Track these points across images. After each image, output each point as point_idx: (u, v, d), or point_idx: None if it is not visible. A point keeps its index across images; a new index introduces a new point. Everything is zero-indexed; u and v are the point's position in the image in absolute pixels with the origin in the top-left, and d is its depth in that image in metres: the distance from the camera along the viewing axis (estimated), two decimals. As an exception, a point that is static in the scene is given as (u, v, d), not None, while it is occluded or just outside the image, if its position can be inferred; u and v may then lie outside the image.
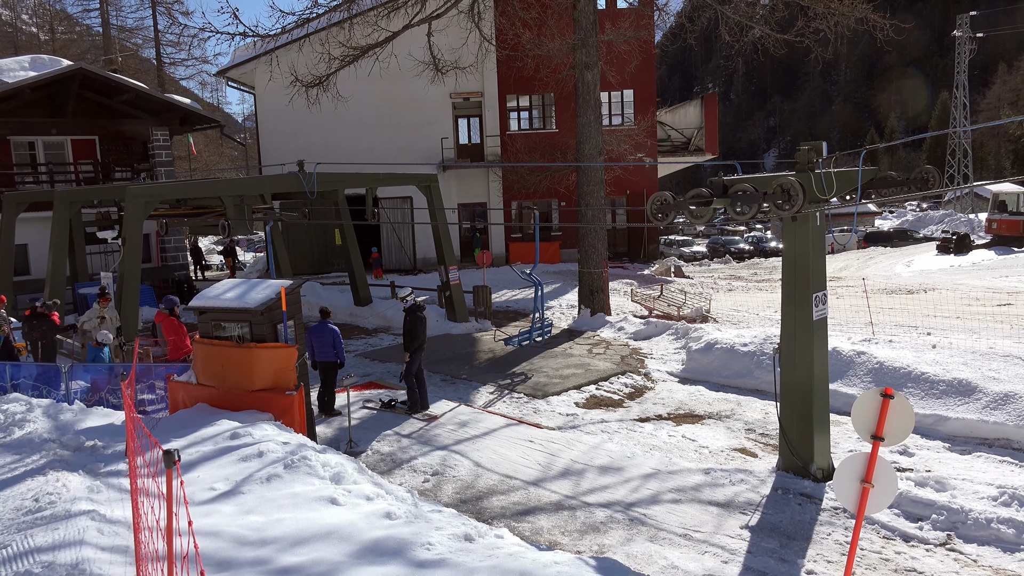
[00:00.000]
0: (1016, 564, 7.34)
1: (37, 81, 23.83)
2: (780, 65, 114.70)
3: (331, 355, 12.12)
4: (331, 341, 12.09)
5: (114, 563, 5.46)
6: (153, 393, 11.32)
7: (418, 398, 12.48)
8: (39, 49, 44.21)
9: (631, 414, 12.60)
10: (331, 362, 12.18)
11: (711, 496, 9.02)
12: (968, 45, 66.91)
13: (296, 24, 21.00)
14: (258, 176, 26.38)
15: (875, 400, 5.97)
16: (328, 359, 12.15)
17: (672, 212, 9.03)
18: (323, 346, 12.07)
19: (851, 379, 12.49)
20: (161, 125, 27.66)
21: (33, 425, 8.95)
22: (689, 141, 37.27)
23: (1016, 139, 79.88)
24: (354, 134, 30.80)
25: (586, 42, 19.41)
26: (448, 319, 20.09)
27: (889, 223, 54.89)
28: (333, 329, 12.18)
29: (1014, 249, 32.15)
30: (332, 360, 12.16)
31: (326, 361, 12.16)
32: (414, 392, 12.47)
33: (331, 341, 12.09)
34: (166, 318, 13.93)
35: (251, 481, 7.12)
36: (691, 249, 42.50)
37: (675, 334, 17.31)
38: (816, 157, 9.00)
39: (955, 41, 68.21)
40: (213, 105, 62.57)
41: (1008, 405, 10.62)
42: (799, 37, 20.09)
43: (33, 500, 6.65)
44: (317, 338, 12.06)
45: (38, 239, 23.62)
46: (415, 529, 6.25)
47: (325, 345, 12.08)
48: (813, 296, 9.18)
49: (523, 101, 33.34)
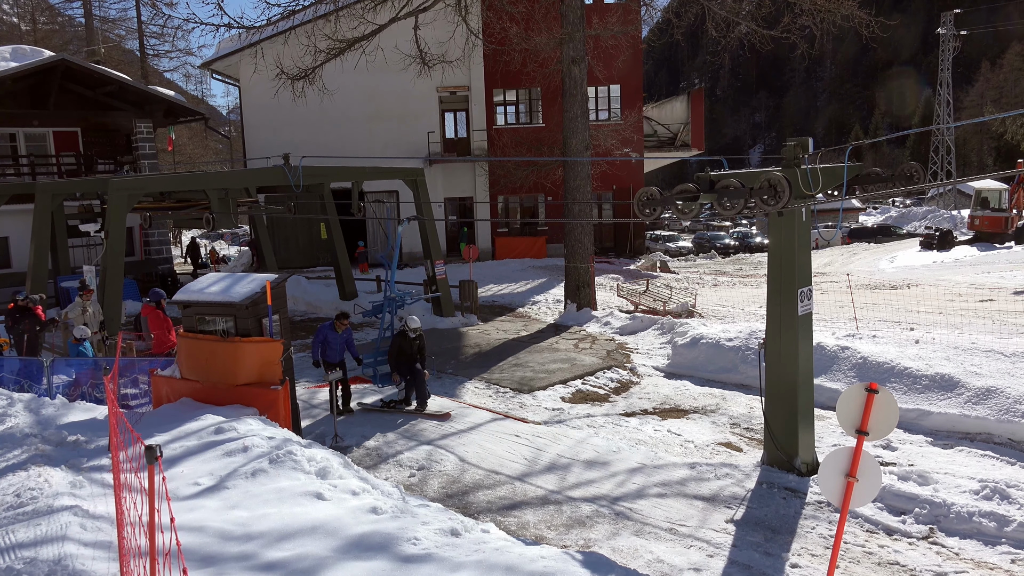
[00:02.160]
0: (997, 557, 7.42)
1: (18, 72, 23.57)
2: (766, 61, 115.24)
3: (343, 355, 12.06)
4: (345, 340, 12.06)
5: (97, 559, 5.41)
6: (137, 387, 11.23)
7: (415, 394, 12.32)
8: (20, 40, 43.63)
9: (617, 409, 12.62)
10: (341, 362, 12.03)
11: (696, 490, 9.06)
12: (952, 43, 67.42)
13: (282, 16, 20.88)
14: (243, 169, 26.24)
15: (860, 395, 6.00)
16: (340, 359, 12.00)
17: (659, 207, 9.04)
18: (338, 345, 12.01)
19: (835, 374, 12.57)
20: (144, 117, 27.42)
21: (14, 420, 8.85)
22: (675, 136, 37.35)
23: (999, 136, 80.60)
24: (340, 127, 30.65)
25: (573, 37, 19.39)
26: (434, 314, 20.05)
27: (873, 219, 55.23)
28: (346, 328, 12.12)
29: (996, 245, 32.43)
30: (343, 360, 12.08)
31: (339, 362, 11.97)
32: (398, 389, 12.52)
33: (345, 340, 12.06)
34: (152, 311, 13.77)
35: (236, 476, 7.07)
36: (677, 244, 42.61)
37: (661, 329, 17.36)
38: (802, 153, 9.03)
39: (939, 39, 68.71)
40: (197, 97, 62.16)
41: (990, 400, 10.72)
42: (785, 33, 20.17)
43: (15, 495, 6.58)
44: (333, 337, 11.92)
45: (19, 232, 23.39)
46: (401, 524, 6.24)
47: (339, 344, 12.01)
48: (798, 291, 9.22)
49: (510, 95, 33.29)
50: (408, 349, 12.11)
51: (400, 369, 12.13)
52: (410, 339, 12.11)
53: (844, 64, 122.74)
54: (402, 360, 12.12)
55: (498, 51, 28.23)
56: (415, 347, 12.21)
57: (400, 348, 12.09)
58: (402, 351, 12.09)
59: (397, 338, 12.18)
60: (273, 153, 21.55)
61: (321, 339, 11.82)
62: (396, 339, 12.19)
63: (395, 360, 12.16)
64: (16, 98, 24.74)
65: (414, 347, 12.19)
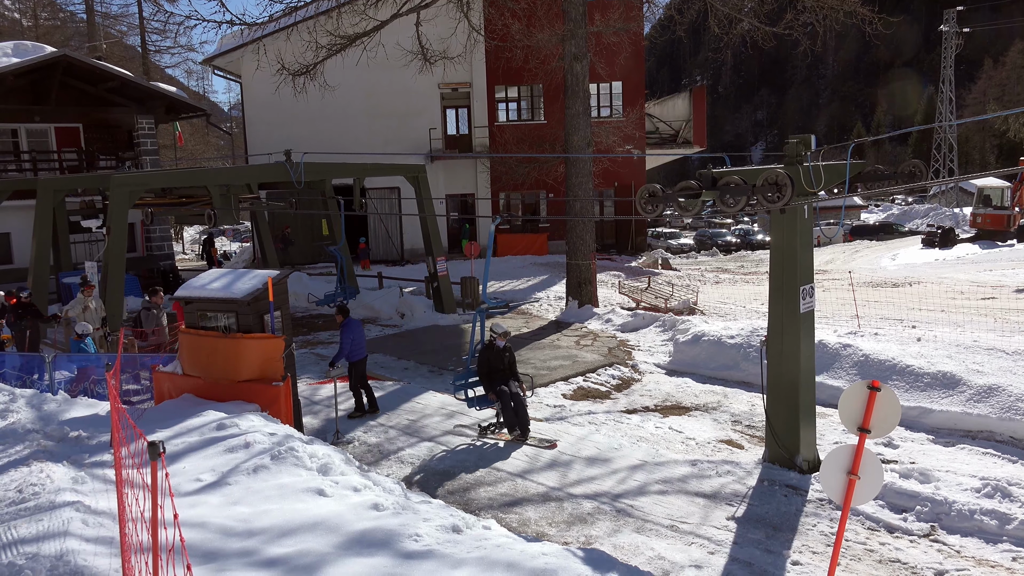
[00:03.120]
0: (999, 555, 7.41)
1: (20, 68, 23.55)
2: (768, 58, 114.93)
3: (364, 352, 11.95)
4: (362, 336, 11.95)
5: (99, 554, 5.41)
6: (138, 383, 11.24)
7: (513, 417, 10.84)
8: (22, 35, 43.65)
9: (618, 406, 12.62)
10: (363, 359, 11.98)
11: (698, 487, 9.05)
12: (954, 40, 67.26)
13: (284, 12, 20.88)
14: (245, 166, 26.23)
15: (862, 393, 5.99)
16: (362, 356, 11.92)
17: (661, 204, 9.03)
18: (361, 342, 11.89)
19: (837, 372, 12.56)
20: (146, 113, 27.40)
21: (16, 415, 8.86)
22: (677, 133, 37.31)
23: (1001, 134, 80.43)
24: (341, 124, 30.64)
25: (575, 33, 19.36)
26: (436, 310, 20.06)
27: (875, 217, 55.13)
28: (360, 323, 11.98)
29: (998, 243, 32.39)
30: (364, 357, 11.99)
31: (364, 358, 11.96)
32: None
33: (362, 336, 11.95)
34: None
35: (238, 472, 7.08)
36: (678, 241, 42.57)
37: (662, 326, 17.35)
38: (805, 150, 9.01)
39: (941, 36, 68.56)
40: (199, 93, 62.15)
41: (991, 398, 10.71)
42: (788, 30, 20.14)
43: (16, 491, 6.59)
44: (360, 335, 11.81)
45: (21, 228, 23.39)
46: (403, 520, 6.24)
47: (362, 341, 11.90)
48: (800, 289, 9.21)
49: (512, 92, 33.25)
50: (499, 363, 10.81)
51: (494, 388, 10.73)
52: (499, 351, 10.84)
53: (846, 62, 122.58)
54: (495, 378, 10.79)
55: (500, 47, 28.21)
56: (506, 360, 10.92)
57: (490, 363, 10.78)
58: (492, 366, 10.80)
59: (485, 352, 10.85)
60: (275, 149, 21.53)
61: (349, 337, 11.61)
62: (484, 353, 10.84)
63: (487, 378, 10.81)
64: (18, 94, 24.73)
65: (504, 360, 10.89)
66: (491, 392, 10.64)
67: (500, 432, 10.85)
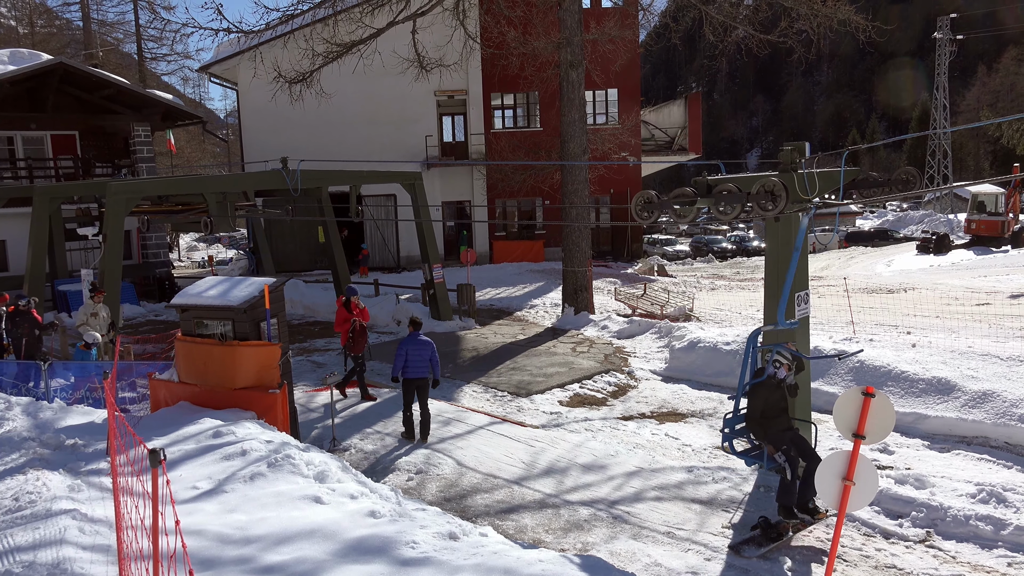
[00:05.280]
0: (994, 560, 7.44)
1: (16, 75, 23.57)
2: (763, 65, 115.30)
3: (425, 371, 10.99)
4: (428, 356, 10.96)
5: (95, 562, 5.41)
6: (134, 391, 11.22)
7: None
8: (18, 43, 43.60)
9: (614, 412, 12.64)
10: (423, 378, 11.04)
11: (694, 494, 9.07)
12: (948, 47, 67.64)
13: (280, 20, 20.93)
14: (241, 173, 26.21)
15: (856, 399, 6.01)
16: (422, 375, 10.99)
17: (656, 211, 9.08)
18: (421, 361, 10.94)
19: (832, 377, 12.59)
20: (142, 121, 27.41)
21: (12, 423, 8.85)
22: (673, 140, 37.44)
23: (995, 140, 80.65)
24: (338, 131, 30.67)
25: (571, 41, 19.44)
26: (432, 317, 20.05)
27: (870, 223, 55.28)
28: (430, 343, 11.05)
29: (992, 249, 32.52)
30: (425, 376, 11.03)
31: (420, 378, 10.99)
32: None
33: (428, 356, 10.96)
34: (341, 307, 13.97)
35: (234, 480, 7.08)
36: (674, 248, 42.70)
37: (658, 333, 17.38)
38: (799, 157, 9.06)
39: (936, 43, 68.93)
40: (195, 101, 62.07)
41: (986, 404, 10.74)
42: (782, 38, 20.23)
43: (13, 499, 6.58)
44: (414, 352, 10.91)
45: (17, 235, 23.37)
46: (399, 528, 6.24)
47: (423, 360, 10.95)
48: (795, 295, 9.25)
49: (508, 99, 33.34)
50: (781, 403, 8.13)
51: (777, 438, 7.95)
52: (779, 385, 8.09)
53: (841, 67, 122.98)
54: (778, 425, 8.04)
55: (496, 55, 28.26)
56: (786, 398, 8.24)
57: (767, 403, 8.02)
58: (772, 407, 8.05)
59: (762, 390, 8.04)
60: (271, 157, 21.57)
61: (404, 354, 10.90)
62: (760, 391, 8.03)
63: (763, 424, 8.00)
64: (14, 101, 24.74)
65: (786, 398, 8.23)
66: (771, 444, 7.94)
67: (796, 520, 7.99)
